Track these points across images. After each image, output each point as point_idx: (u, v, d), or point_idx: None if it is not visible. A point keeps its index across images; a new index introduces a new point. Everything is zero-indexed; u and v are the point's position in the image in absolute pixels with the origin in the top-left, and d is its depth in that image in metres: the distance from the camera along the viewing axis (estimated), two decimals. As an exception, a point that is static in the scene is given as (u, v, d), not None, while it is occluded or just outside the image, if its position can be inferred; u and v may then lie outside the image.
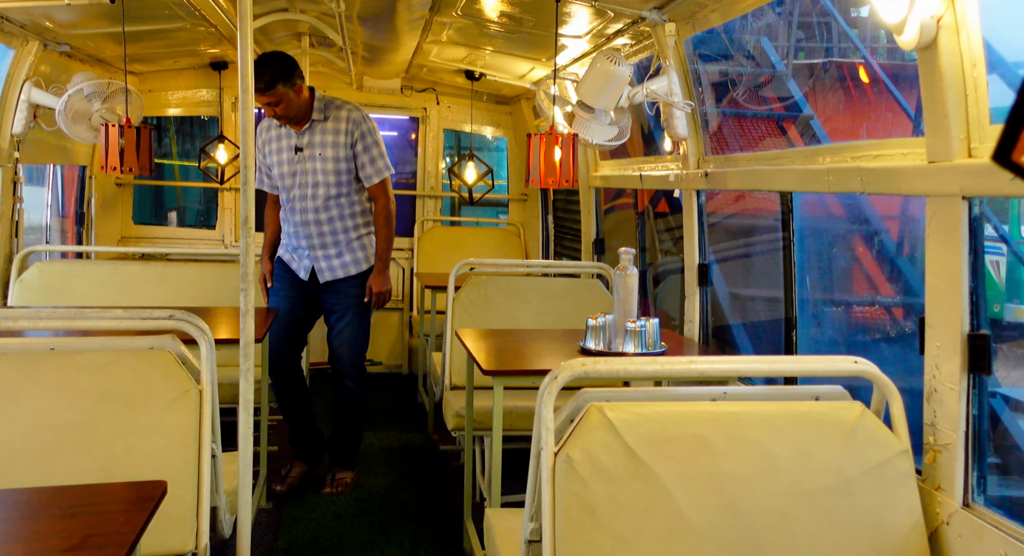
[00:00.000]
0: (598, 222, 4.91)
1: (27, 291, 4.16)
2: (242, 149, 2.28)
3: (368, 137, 3.71)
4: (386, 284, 3.89)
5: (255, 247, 2.32)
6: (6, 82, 4.11)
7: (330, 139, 3.68)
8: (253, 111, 2.30)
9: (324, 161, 3.69)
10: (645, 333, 2.97)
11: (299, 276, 3.89)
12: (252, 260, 2.33)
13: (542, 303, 4.20)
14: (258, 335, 3.20)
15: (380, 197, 3.83)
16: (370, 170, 3.75)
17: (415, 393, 6.00)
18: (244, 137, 2.27)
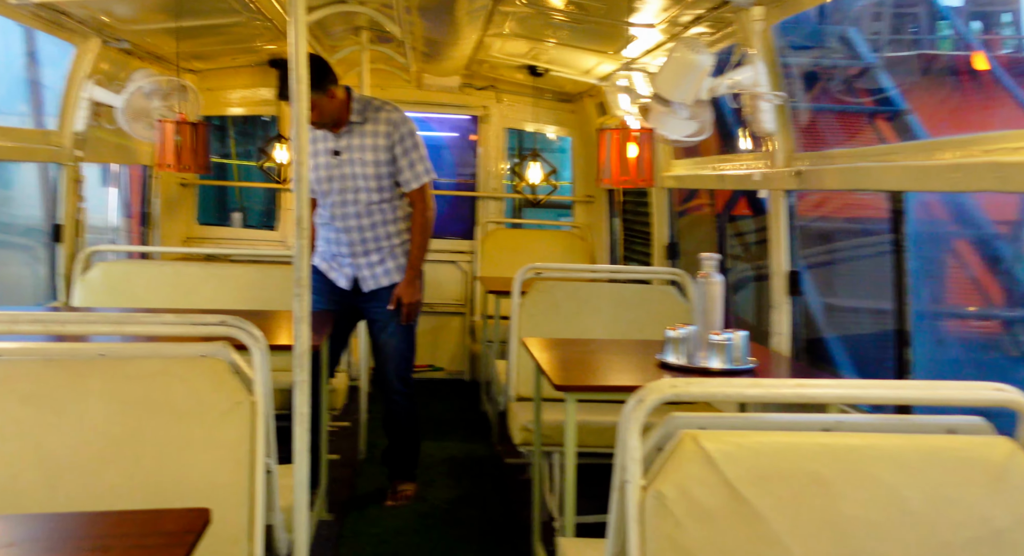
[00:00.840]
0: (671, 225, 4.64)
1: (89, 291, 4.11)
2: (295, 144, 2.12)
3: (408, 139, 3.52)
4: (416, 294, 3.69)
5: (310, 249, 2.15)
6: (68, 80, 4.07)
7: (369, 142, 3.50)
8: (308, 106, 2.13)
9: (364, 165, 3.52)
10: (732, 347, 2.71)
11: (338, 285, 3.71)
12: (306, 263, 2.16)
13: (612, 311, 3.97)
14: (315, 341, 3.05)
15: (418, 203, 3.62)
16: (409, 175, 3.56)
17: (478, 401, 5.82)
18: (298, 131, 2.11)
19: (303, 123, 2.11)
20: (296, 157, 2.12)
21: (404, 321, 3.68)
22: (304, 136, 2.11)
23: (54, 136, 4.05)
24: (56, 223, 4.16)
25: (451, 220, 6.71)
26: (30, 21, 3.59)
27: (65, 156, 4.09)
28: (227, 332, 2.18)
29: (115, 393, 2.12)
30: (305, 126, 2.12)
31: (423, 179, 3.57)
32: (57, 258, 4.18)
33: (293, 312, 2.17)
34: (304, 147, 2.12)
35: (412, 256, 3.65)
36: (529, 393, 3.84)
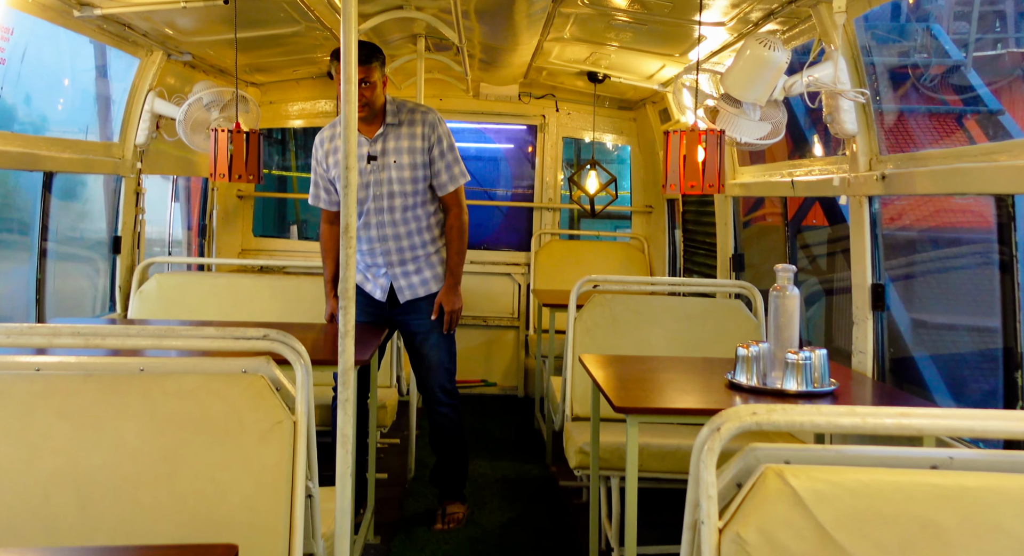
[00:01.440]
0: (736, 236, 4.41)
1: (145, 303, 4.10)
2: (344, 148, 2.00)
3: (444, 141, 3.42)
4: (457, 302, 3.55)
5: (354, 258, 2.02)
6: (131, 92, 4.08)
7: (406, 144, 3.37)
8: (356, 109, 2.01)
9: (401, 169, 3.38)
10: (810, 367, 2.49)
11: (374, 297, 3.57)
12: (352, 274, 2.04)
13: (675, 326, 3.76)
14: (363, 356, 2.94)
15: (454, 207, 3.48)
16: (445, 177, 3.41)
17: (531, 419, 5.65)
18: (347, 134, 1.99)
19: (351, 125, 2.00)
20: (343, 161, 2.00)
21: (446, 329, 3.55)
22: (352, 139, 1.99)
23: (115, 148, 4.06)
24: (115, 235, 4.17)
25: (506, 231, 6.59)
26: (96, 34, 3.60)
27: (126, 168, 4.09)
28: (269, 347, 2.07)
29: (153, 410, 2.03)
30: (354, 128, 2.00)
31: (460, 181, 3.45)
32: (116, 270, 4.18)
33: (339, 325, 2.05)
34: (352, 151, 2.00)
35: (451, 262, 3.51)
36: (586, 413, 3.66)
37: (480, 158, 6.72)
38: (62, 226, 4.63)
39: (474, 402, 6.06)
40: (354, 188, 2.00)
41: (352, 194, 2.00)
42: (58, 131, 4.13)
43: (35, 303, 3.42)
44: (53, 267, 3.69)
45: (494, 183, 6.63)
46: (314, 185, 3.56)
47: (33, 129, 3.85)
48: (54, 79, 4.13)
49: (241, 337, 2.08)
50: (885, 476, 1.43)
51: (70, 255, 4.59)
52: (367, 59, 3.20)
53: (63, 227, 4.67)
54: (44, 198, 3.38)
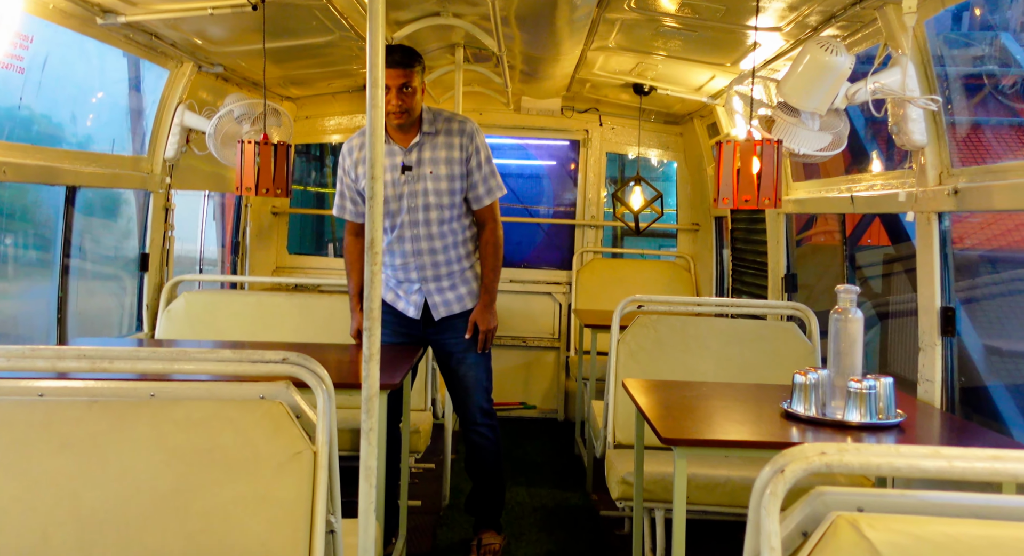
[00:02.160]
0: (789, 255, 4.17)
1: (173, 322, 4.01)
2: (369, 157, 1.85)
3: (482, 151, 3.27)
4: (493, 320, 3.37)
5: (379, 275, 1.86)
6: (160, 104, 4.02)
7: (443, 155, 3.21)
8: (383, 115, 1.86)
9: (438, 180, 3.21)
10: (875, 397, 2.26)
11: (407, 315, 3.41)
12: (378, 293, 1.87)
13: (724, 349, 3.54)
14: (391, 380, 2.77)
15: (489, 221, 3.33)
16: (482, 190, 3.27)
17: (571, 443, 5.43)
18: (373, 140, 1.84)
19: (378, 131, 1.84)
20: (370, 170, 1.85)
21: (481, 349, 3.38)
22: (379, 148, 1.84)
23: (144, 162, 3.99)
24: (143, 251, 4.09)
25: (547, 249, 6.41)
26: (123, 44, 3.53)
27: (154, 183, 4.02)
28: (289, 371, 1.92)
29: (163, 440, 1.89)
30: (380, 135, 1.85)
31: (496, 195, 3.30)
32: (144, 288, 4.10)
33: (364, 348, 1.89)
34: (379, 159, 1.85)
35: (487, 279, 3.35)
36: (629, 440, 3.46)
37: (521, 175, 6.57)
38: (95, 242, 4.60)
39: (512, 425, 5.87)
40: (380, 200, 1.85)
41: (378, 206, 1.85)
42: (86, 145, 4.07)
43: (56, 323, 3.33)
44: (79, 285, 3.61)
45: (535, 200, 6.47)
46: (340, 196, 3.40)
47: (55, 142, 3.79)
48: (82, 91, 4.08)
49: (259, 360, 1.93)
50: (976, 529, 1.22)
51: (98, 273, 4.53)
52: (407, 62, 3.07)
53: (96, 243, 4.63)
54: (67, 213, 3.30)
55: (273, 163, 2.95)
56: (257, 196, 2.95)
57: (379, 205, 1.85)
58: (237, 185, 2.96)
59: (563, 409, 6.12)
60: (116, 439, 1.87)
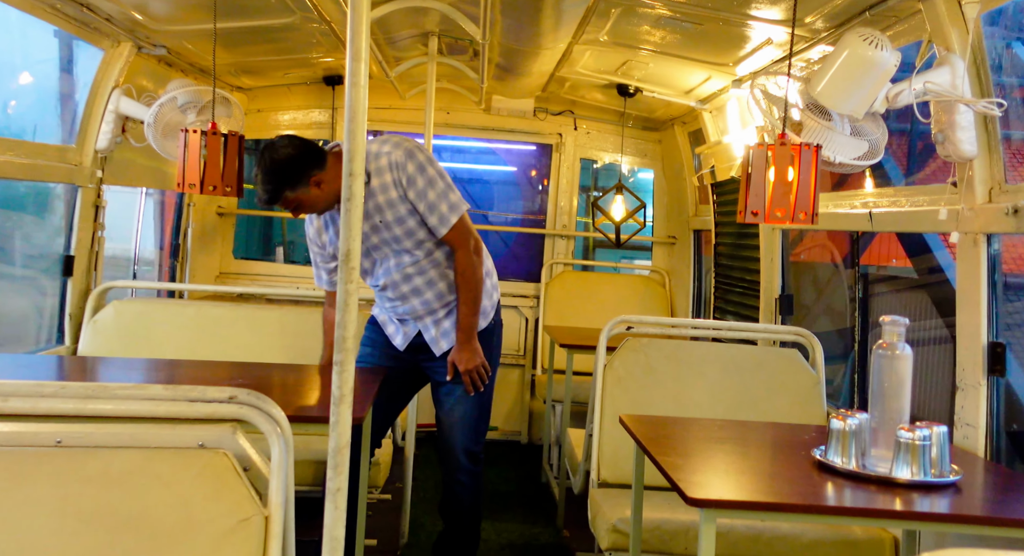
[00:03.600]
0: (784, 274, 3.89)
1: (99, 334, 3.52)
2: (347, 148, 1.46)
3: (418, 178, 2.76)
4: (474, 358, 2.94)
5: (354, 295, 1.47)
6: (92, 88, 3.54)
7: (382, 200, 2.78)
8: (363, 92, 1.47)
9: (389, 228, 2.82)
10: (928, 449, 1.95)
11: (393, 342, 3.08)
12: (352, 319, 1.48)
13: (721, 377, 3.22)
14: (358, 414, 2.37)
15: (458, 247, 2.88)
16: (434, 220, 2.81)
17: (538, 469, 5.06)
18: (352, 127, 1.45)
19: (359, 118, 1.46)
20: (347, 167, 1.46)
21: (471, 390, 2.99)
22: (360, 151, 1.45)
23: (72, 153, 3.50)
24: (67, 254, 3.59)
25: (513, 260, 6.05)
26: (50, 16, 3.07)
27: (83, 176, 3.54)
28: (237, 413, 1.52)
29: (70, 501, 1.46)
30: (360, 123, 1.46)
31: (452, 218, 2.82)
32: (67, 295, 3.60)
33: (333, 387, 1.49)
34: (359, 151, 1.46)
35: (461, 315, 2.90)
36: (617, 479, 3.11)
37: (488, 180, 6.20)
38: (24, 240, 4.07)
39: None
40: (357, 208, 1.46)
41: (354, 216, 1.46)
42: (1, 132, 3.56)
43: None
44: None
45: (502, 207, 6.11)
46: (315, 266, 3.04)
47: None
48: (3, 71, 3.58)
49: (199, 400, 1.52)
50: None
51: (16, 275, 4.00)
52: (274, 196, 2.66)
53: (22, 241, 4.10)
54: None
55: (223, 156, 2.53)
56: (203, 194, 2.52)
57: (356, 214, 1.46)
58: (179, 181, 2.52)
59: (527, 431, 5.75)
60: (8, 499, 1.44)
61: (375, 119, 5.62)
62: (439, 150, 6.06)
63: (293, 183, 2.66)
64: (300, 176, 2.66)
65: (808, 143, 2.04)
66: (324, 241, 2.94)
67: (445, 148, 6.16)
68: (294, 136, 2.73)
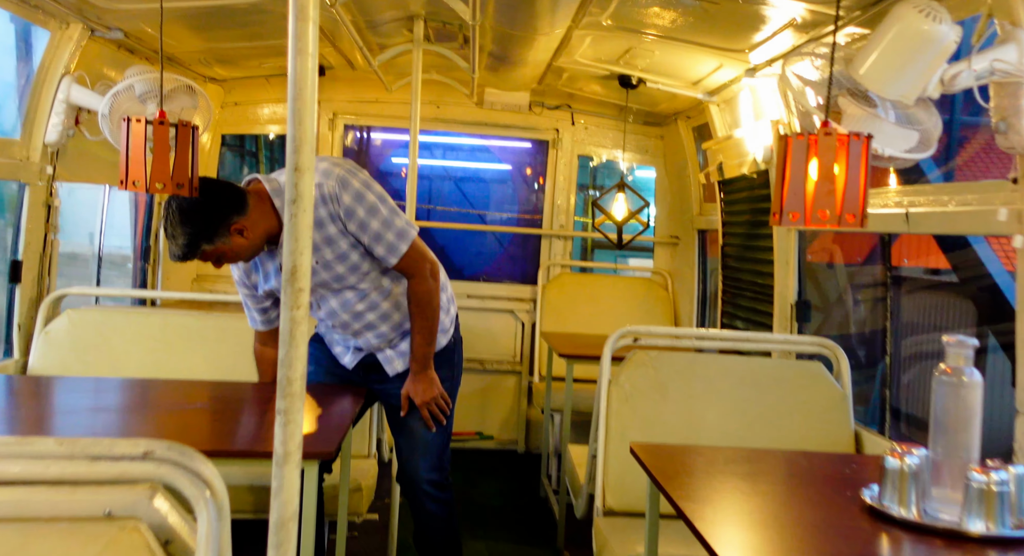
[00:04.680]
0: (801, 278, 3.57)
1: (51, 347, 3.19)
2: (291, 150, 1.14)
3: (358, 208, 2.43)
4: (430, 390, 2.63)
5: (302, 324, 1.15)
6: (37, 75, 3.20)
7: (317, 238, 2.44)
8: (311, 61, 1.15)
9: (330, 267, 2.51)
10: (1007, 496, 1.63)
11: (340, 361, 2.78)
12: (301, 353, 1.15)
13: (736, 393, 2.91)
14: (324, 447, 2.05)
15: (412, 275, 2.56)
16: (382, 250, 2.49)
17: (535, 482, 4.74)
18: (296, 92, 1.13)
19: (305, 89, 1.13)
20: (293, 133, 1.14)
21: (432, 427, 2.67)
22: (306, 103, 1.13)
23: (17, 147, 3.17)
24: (15, 258, 3.25)
25: (509, 262, 5.74)
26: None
27: (30, 173, 3.20)
28: (154, 473, 1.19)
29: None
30: (307, 93, 1.14)
31: (402, 247, 2.49)
32: (15, 303, 3.27)
33: (275, 443, 1.16)
34: (307, 113, 1.14)
35: (415, 345, 2.60)
36: (625, 507, 2.80)
37: (481, 178, 5.88)
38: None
39: (468, 459, 5.16)
40: (305, 213, 1.13)
41: (301, 225, 1.13)
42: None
43: None
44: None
45: (496, 206, 5.78)
46: (247, 309, 2.70)
47: None
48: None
49: (104, 457, 1.19)
50: None
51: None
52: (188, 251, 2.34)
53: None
54: None
55: (173, 149, 2.19)
56: (149, 193, 2.19)
57: (303, 221, 1.14)
58: (121, 178, 2.19)
59: (524, 440, 5.44)
60: None
61: (360, 113, 5.29)
62: (428, 147, 5.73)
63: (210, 235, 2.31)
64: (218, 226, 2.31)
65: (857, 133, 1.72)
66: (254, 281, 2.60)
67: (436, 145, 5.82)
68: (206, 178, 2.34)
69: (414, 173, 3.61)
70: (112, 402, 2.66)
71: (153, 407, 2.60)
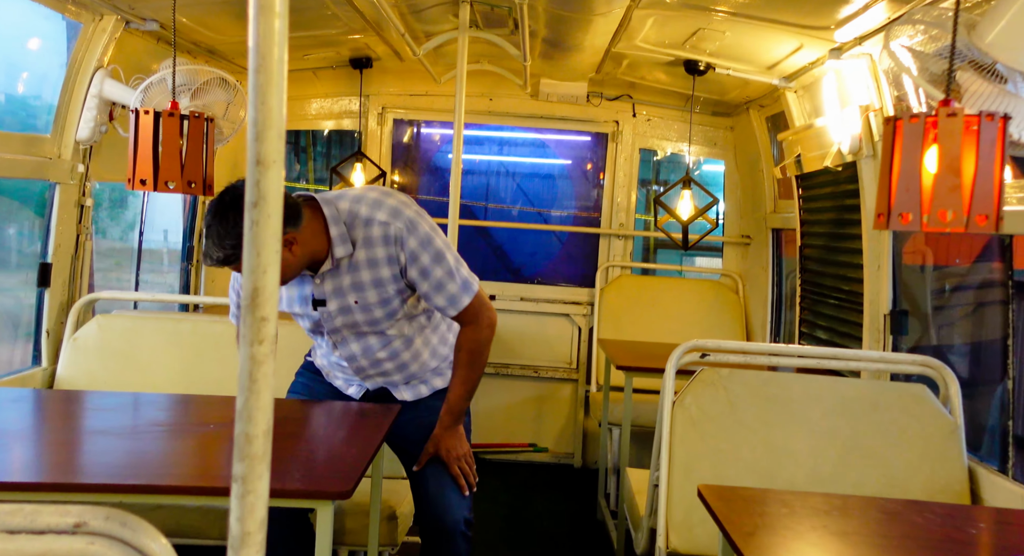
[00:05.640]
0: (895, 285, 3.17)
1: (80, 355, 3.05)
2: (252, 131, 0.87)
3: (423, 255, 2.25)
4: (461, 445, 2.37)
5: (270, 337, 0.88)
6: (69, 69, 3.04)
7: (367, 277, 2.27)
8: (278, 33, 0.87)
9: (367, 310, 2.30)
10: None
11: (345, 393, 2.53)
12: (266, 402, 0.88)
13: (824, 421, 2.54)
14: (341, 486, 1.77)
15: (469, 323, 2.35)
16: (441, 300, 2.28)
17: (592, 503, 4.42)
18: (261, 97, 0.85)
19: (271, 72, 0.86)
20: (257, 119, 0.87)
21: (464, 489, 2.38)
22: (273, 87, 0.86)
23: (47, 144, 3.01)
24: (43, 261, 3.11)
25: (565, 263, 5.42)
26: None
27: (61, 171, 3.05)
28: (84, 551, 0.93)
29: None
30: (273, 76, 0.86)
31: (464, 300, 2.29)
32: (44, 309, 3.12)
33: (230, 518, 0.90)
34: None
35: (454, 396, 2.36)
36: (692, 548, 2.47)
37: (536, 174, 5.57)
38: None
39: (520, 472, 4.89)
40: (272, 208, 0.86)
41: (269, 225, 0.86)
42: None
43: None
44: None
45: (551, 204, 5.47)
46: (233, 304, 2.48)
47: None
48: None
49: (22, 530, 0.94)
50: None
51: None
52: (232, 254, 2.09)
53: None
54: None
55: (183, 143, 1.97)
56: (156, 191, 1.98)
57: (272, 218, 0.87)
58: (128, 175, 1.97)
59: (580, 454, 5.12)
60: None
61: (410, 107, 5.06)
62: (482, 142, 5.46)
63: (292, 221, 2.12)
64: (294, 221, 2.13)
65: (990, 113, 1.36)
66: None
67: (490, 140, 5.54)
68: None
69: (458, 167, 3.34)
70: (131, 421, 2.45)
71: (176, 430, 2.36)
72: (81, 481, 1.80)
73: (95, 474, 1.89)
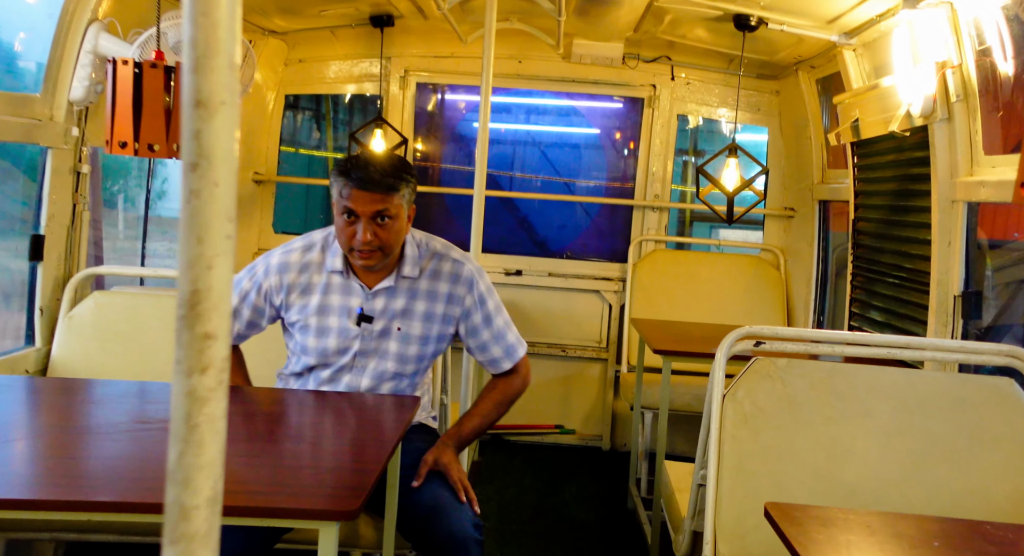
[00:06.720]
0: (968, 265, 2.85)
1: (74, 335, 2.83)
2: (187, 64, 0.58)
3: (489, 301, 2.30)
4: (459, 468, 2.19)
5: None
6: (59, 22, 2.78)
7: (421, 308, 2.24)
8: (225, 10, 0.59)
9: (407, 342, 2.24)
10: None
11: None
12: (212, 462, 0.62)
13: (895, 419, 2.26)
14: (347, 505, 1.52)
15: (515, 376, 2.38)
16: (498, 351, 2.32)
17: (623, 489, 4.18)
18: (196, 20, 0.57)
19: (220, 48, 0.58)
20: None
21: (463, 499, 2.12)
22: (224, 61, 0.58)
23: (37, 105, 2.77)
24: (35, 233, 2.88)
25: (596, 236, 5.13)
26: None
27: (53, 134, 2.80)
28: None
29: None
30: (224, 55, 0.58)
31: (519, 352, 2.37)
32: (37, 284, 2.90)
33: None
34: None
35: (469, 424, 2.29)
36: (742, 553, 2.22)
37: (566, 143, 5.26)
38: None
39: (546, 455, 4.66)
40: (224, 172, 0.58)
41: (212, 182, 0.59)
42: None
43: None
44: None
45: (583, 174, 5.16)
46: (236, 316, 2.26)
47: None
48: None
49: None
50: None
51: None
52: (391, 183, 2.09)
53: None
54: None
55: (167, 100, 1.70)
56: (138, 155, 1.72)
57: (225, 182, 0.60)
58: (106, 137, 1.72)
59: (609, 436, 4.89)
60: None
61: (434, 70, 4.75)
62: (510, 109, 5.14)
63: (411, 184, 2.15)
64: (411, 187, 2.16)
65: None
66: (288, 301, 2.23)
67: (518, 107, 5.22)
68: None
69: (485, 132, 3.05)
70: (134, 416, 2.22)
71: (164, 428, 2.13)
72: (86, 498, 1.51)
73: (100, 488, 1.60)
